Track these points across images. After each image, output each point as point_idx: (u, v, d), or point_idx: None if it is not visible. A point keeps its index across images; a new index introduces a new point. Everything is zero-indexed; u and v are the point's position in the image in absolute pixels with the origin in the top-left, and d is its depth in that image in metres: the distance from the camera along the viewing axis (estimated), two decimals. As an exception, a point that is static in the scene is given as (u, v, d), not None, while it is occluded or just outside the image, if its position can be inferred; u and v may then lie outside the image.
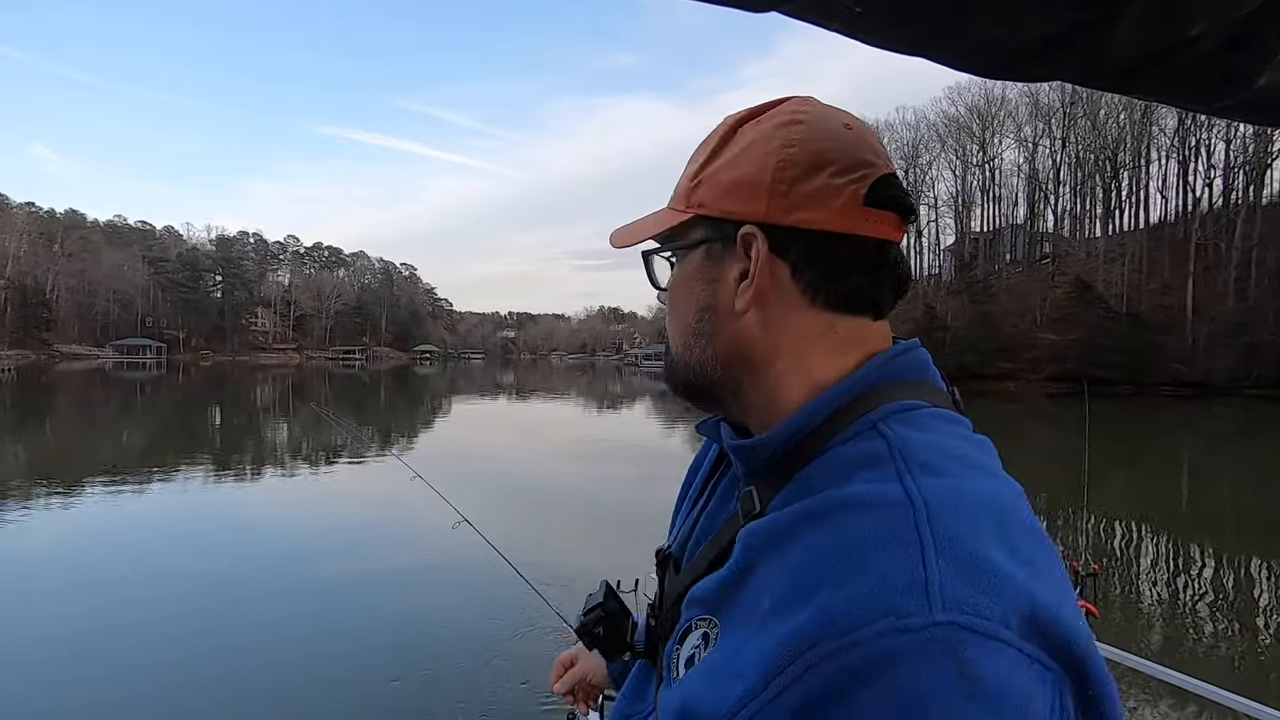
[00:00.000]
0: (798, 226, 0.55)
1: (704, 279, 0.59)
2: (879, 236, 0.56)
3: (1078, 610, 0.44)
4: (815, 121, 0.58)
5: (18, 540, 8.06)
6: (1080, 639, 0.42)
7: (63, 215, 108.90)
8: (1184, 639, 5.93)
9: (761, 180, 0.56)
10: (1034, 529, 0.47)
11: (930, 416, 0.52)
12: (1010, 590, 0.41)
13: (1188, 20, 0.65)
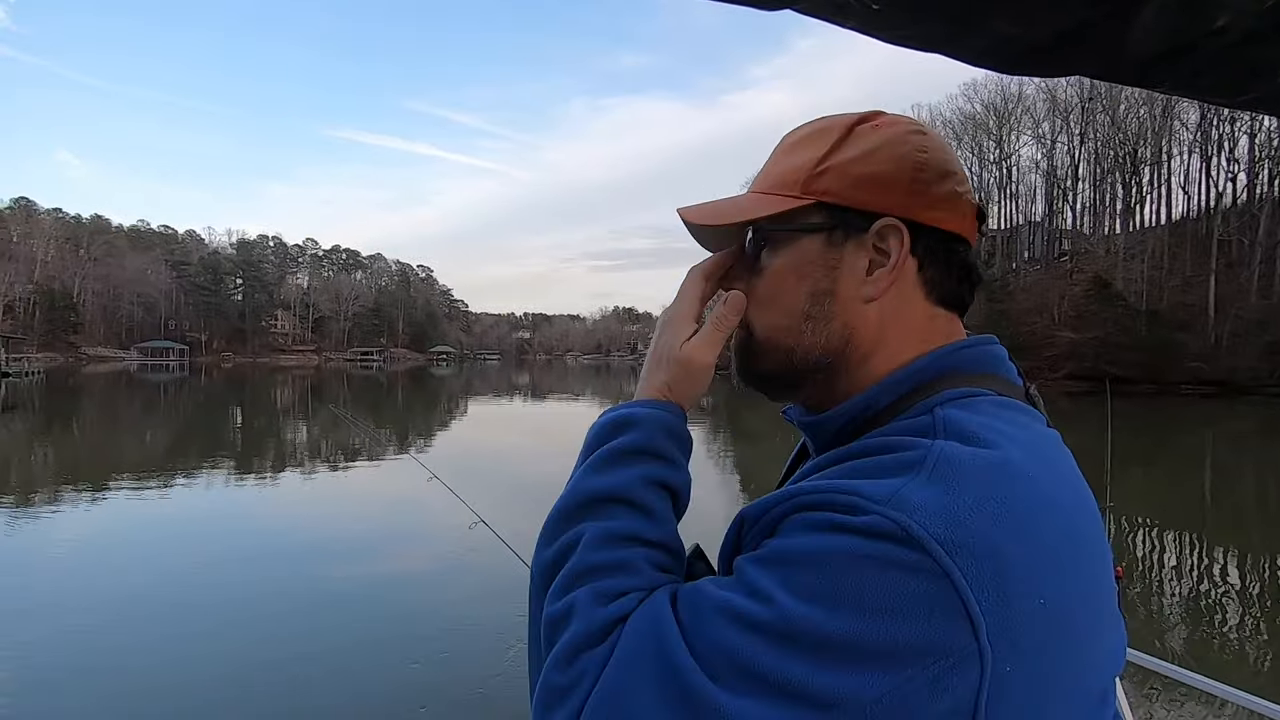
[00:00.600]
0: (933, 225, 0.59)
1: (823, 265, 0.59)
2: (973, 245, 0.62)
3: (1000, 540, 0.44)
4: (935, 137, 0.62)
5: (47, 538, 8.33)
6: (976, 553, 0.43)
7: (88, 220, 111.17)
8: (1209, 642, 5.83)
9: (900, 178, 0.58)
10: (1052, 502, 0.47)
11: (989, 404, 0.54)
12: (912, 508, 0.44)
13: (1211, 12, 0.64)
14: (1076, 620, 0.46)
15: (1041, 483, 0.48)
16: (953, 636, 0.42)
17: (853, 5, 0.67)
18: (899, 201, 0.58)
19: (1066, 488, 0.50)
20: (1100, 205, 60.86)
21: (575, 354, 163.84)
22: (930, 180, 0.59)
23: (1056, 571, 0.45)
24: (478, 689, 4.50)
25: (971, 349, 0.59)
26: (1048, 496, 0.47)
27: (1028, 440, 0.51)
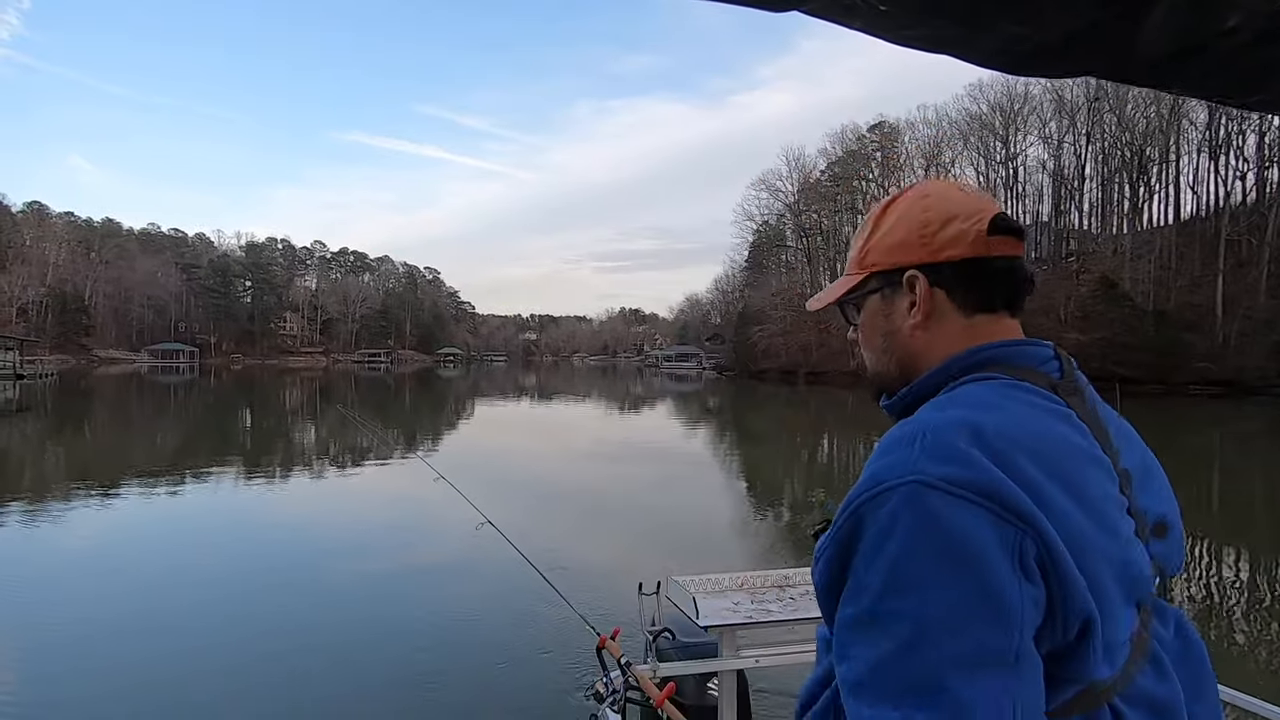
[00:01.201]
0: (945, 261, 0.77)
1: (882, 314, 0.82)
2: (1003, 254, 0.77)
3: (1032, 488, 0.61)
4: (938, 191, 0.80)
5: (62, 534, 8.54)
6: (1025, 505, 0.59)
7: (100, 224, 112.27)
8: (1218, 643, 5.75)
9: (911, 239, 0.78)
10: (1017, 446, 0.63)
11: (999, 383, 0.70)
12: (959, 465, 0.60)
13: (1222, 12, 0.63)
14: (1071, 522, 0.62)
15: (1006, 422, 0.65)
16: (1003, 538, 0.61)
17: (860, 6, 0.67)
18: (915, 255, 0.78)
19: (1032, 425, 0.66)
20: (1107, 205, 60.62)
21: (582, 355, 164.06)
22: (935, 230, 0.77)
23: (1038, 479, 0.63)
24: (478, 686, 4.57)
25: (1002, 348, 0.74)
26: (1013, 430, 0.64)
27: (987, 401, 0.68)
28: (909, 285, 0.78)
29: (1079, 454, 0.66)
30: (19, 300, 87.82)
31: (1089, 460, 0.67)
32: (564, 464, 15.86)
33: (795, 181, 78.21)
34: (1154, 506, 0.72)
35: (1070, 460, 0.65)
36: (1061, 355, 0.75)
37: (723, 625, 2.25)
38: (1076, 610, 0.60)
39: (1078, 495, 0.63)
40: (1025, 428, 0.65)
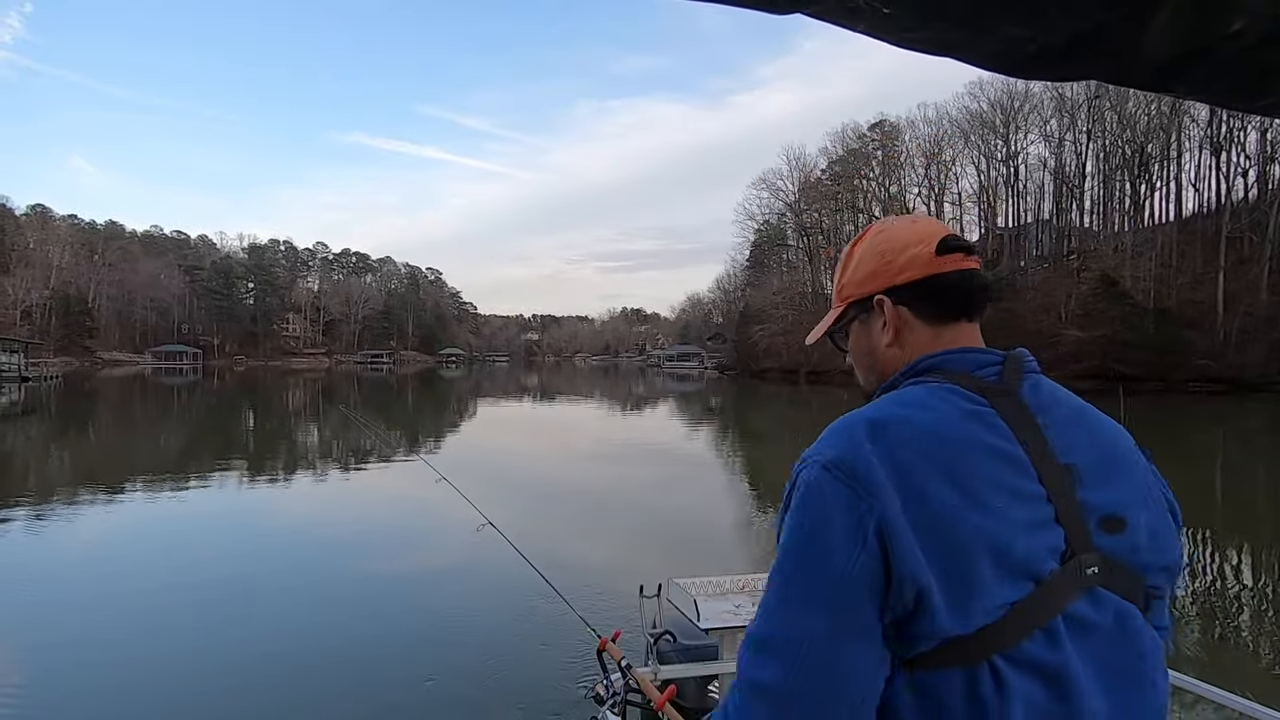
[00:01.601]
0: (902, 281, 0.90)
1: (863, 337, 0.96)
2: (954, 269, 0.89)
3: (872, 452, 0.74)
4: (893, 226, 0.95)
5: (68, 535, 8.61)
6: (847, 467, 0.74)
7: (103, 226, 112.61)
8: (1223, 643, 5.77)
9: (874, 268, 0.93)
10: (853, 425, 0.78)
11: (930, 386, 0.82)
12: (843, 450, 0.75)
13: (1227, 16, 0.63)
14: (947, 518, 0.72)
15: (899, 417, 0.78)
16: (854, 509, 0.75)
17: (863, 9, 0.67)
18: (880, 282, 0.92)
19: (933, 427, 0.76)
20: (1109, 203, 60.55)
21: (584, 355, 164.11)
22: (892, 258, 0.91)
23: (907, 471, 0.74)
24: (479, 687, 4.62)
25: (954, 354, 0.85)
26: (899, 424, 0.77)
27: (897, 401, 0.82)
28: (879, 308, 0.92)
29: (976, 447, 0.75)
30: (23, 303, 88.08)
31: (989, 453, 0.75)
32: (565, 465, 15.92)
33: (796, 181, 78.26)
34: (1104, 502, 0.77)
35: (961, 452, 0.74)
36: (1011, 362, 0.83)
37: (724, 628, 2.26)
38: (909, 577, 0.69)
39: (957, 482, 0.72)
40: (921, 422, 0.76)
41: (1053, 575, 0.73)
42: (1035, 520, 0.74)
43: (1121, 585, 0.77)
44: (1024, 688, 0.70)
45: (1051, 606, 0.73)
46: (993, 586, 0.71)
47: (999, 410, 0.78)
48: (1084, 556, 0.75)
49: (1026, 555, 0.73)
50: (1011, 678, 0.70)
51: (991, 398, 0.79)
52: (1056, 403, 0.82)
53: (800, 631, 0.71)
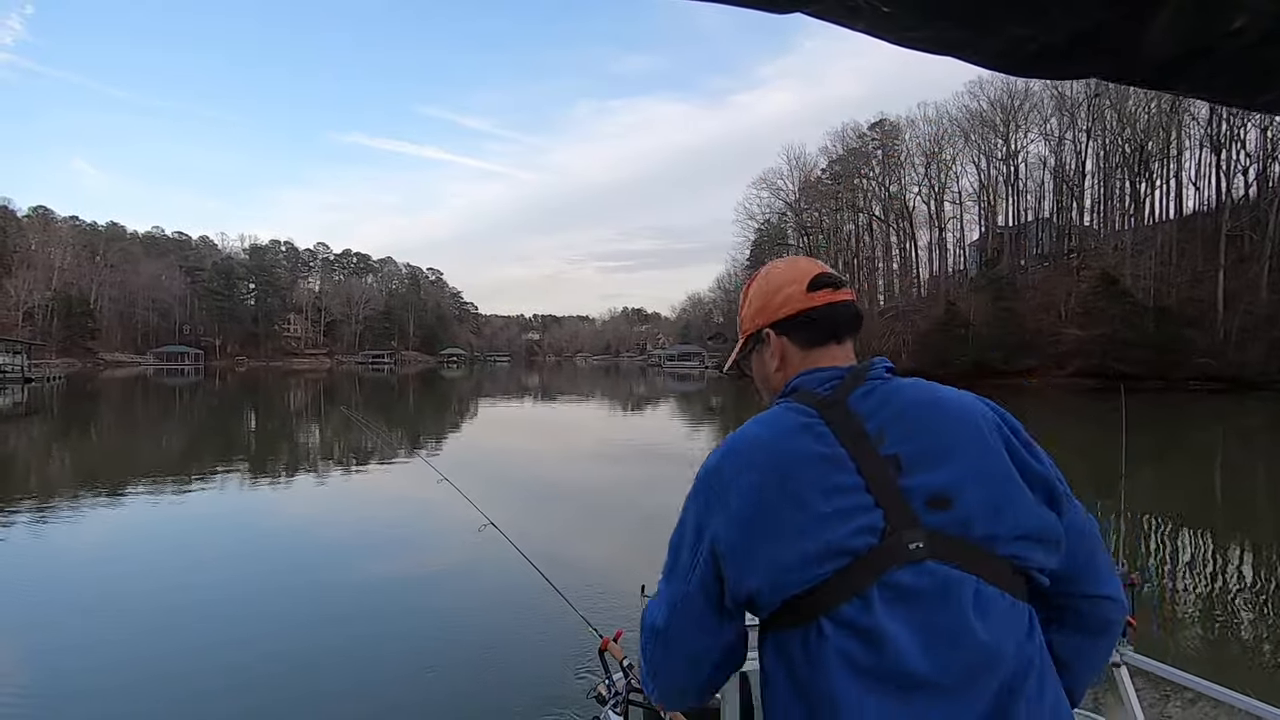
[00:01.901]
0: (780, 317, 1.11)
1: (760, 361, 1.15)
2: (824, 302, 1.09)
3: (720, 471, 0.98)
4: (773, 270, 1.15)
5: (73, 534, 8.66)
6: (708, 478, 0.98)
7: (104, 228, 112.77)
8: (1223, 642, 5.72)
9: (760, 306, 1.14)
10: (723, 446, 1.00)
11: (782, 406, 1.02)
12: (709, 463, 0.99)
13: (1228, 13, 0.64)
14: (748, 503, 0.93)
15: (729, 444, 0.99)
16: (700, 514, 0.99)
17: (864, 8, 0.68)
18: (764, 317, 1.13)
19: (747, 441, 0.98)
20: (1109, 201, 60.55)
21: (585, 355, 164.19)
22: (771, 297, 1.12)
23: (743, 482, 0.94)
24: (480, 686, 4.66)
25: (809, 374, 1.05)
26: (729, 450, 0.98)
27: (753, 423, 1.01)
28: (767, 340, 1.12)
29: (799, 454, 0.93)
30: (25, 304, 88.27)
31: (811, 458, 0.93)
32: (567, 464, 15.97)
33: (796, 180, 78.28)
34: (929, 484, 0.91)
35: (786, 460, 0.93)
36: (851, 374, 1.02)
37: None
38: (720, 553, 0.94)
39: (781, 486, 0.92)
40: (757, 439, 0.97)
41: (870, 551, 0.88)
42: (851, 507, 0.89)
43: (952, 556, 0.88)
44: (840, 643, 0.86)
45: (868, 577, 0.87)
46: (807, 566, 0.88)
47: (827, 419, 0.96)
48: (905, 533, 0.88)
49: (840, 537, 0.88)
50: (831, 635, 0.86)
51: (821, 410, 0.97)
52: (886, 404, 0.96)
53: (672, 595, 0.99)
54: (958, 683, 0.84)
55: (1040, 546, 0.92)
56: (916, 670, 0.84)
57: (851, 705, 0.84)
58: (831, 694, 0.85)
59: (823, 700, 0.86)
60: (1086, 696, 4.15)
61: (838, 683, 0.85)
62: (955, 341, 52.28)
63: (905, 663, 0.84)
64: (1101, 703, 3.63)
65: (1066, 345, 47.77)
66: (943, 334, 53.88)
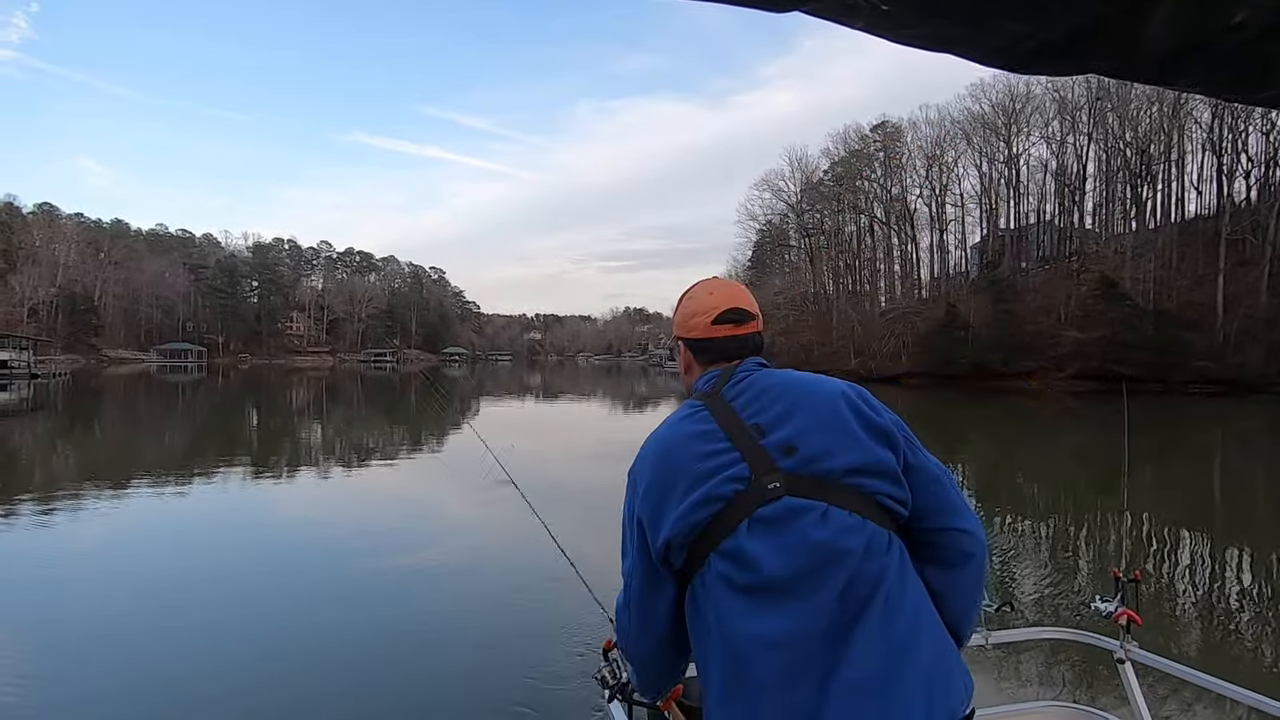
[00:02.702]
0: (689, 337, 1.39)
1: (681, 362, 1.45)
2: (722, 335, 1.36)
3: (637, 462, 1.26)
4: (697, 294, 1.41)
5: (104, 528, 8.84)
6: (631, 472, 1.27)
7: (109, 225, 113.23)
8: (1224, 641, 5.74)
9: (681, 322, 1.41)
10: (657, 447, 1.25)
11: (686, 403, 1.30)
12: (637, 457, 1.28)
13: (1228, 8, 0.63)
14: (655, 482, 1.20)
15: (646, 441, 1.28)
16: (630, 498, 1.27)
17: (862, 6, 0.67)
18: (680, 332, 1.42)
19: (652, 438, 1.26)
20: (1110, 204, 60.65)
21: (586, 354, 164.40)
22: (687, 318, 1.40)
23: (642, 469, 1.24)
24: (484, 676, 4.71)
25: (700, 380, 1.35)
26: (645, 446, 1.27)
27: (669, 419, 1.29)
28: (680, 348, 1.42)
29: (683, 435, 1.22)
30: (30, 300, 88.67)
31: (690, 436, 1.21)
32: (568, 465, 16.16)
33: (798, 182, 78.39)
34: (781, 439, 1.16)
35: (673, 442, 1.22)
36: (723, 374, 1.30)
37: None
38: (643, 523, 1.21)
39: (668, 462, 1.20)
40: (659, 432, 1.27)
41: (738, 495, 1.13)
42: (721, 465, 1.15)
43: (802, 490, 1.11)
44: (720, 568, 1.11)
45: (740, 514, 1.11)
46: (694, 511, 1.14)
47: (707, 406, 1.24)
48: (765, 478, 1.13)
49: (713, 486, 1.14)
50: (715, 563, 1.12)
51: (705, 400, 1.26)
52: (750, 388, 1.24)
53: (628, 570, 1.27)
54: (807, 579, 1.06)
55: (880, 479, 1.13)
56: (772, 573, 1.06)
57: (735, 613, 1.07)
58: (718, 608, 1.09)
59: (714, 615, 1.09)
60: (1090, 693, 4.14)
61: (721, 599, 1.09)
62: (955, 343, 52.43)
63: (763, 570, 1.07)
64: (1106, 698, 3.80)
65: (1066, 347, 47.90)
66: (943, 336, 54.02)
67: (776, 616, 1.04)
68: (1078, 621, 4.11)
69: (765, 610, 1.05)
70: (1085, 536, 9.36)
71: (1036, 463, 16.79)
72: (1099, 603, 2.22)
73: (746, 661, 1.04)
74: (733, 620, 1.06)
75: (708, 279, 1.44)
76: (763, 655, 1.03)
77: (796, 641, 1.02)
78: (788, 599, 1.05)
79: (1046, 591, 6.62)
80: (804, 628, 1.02)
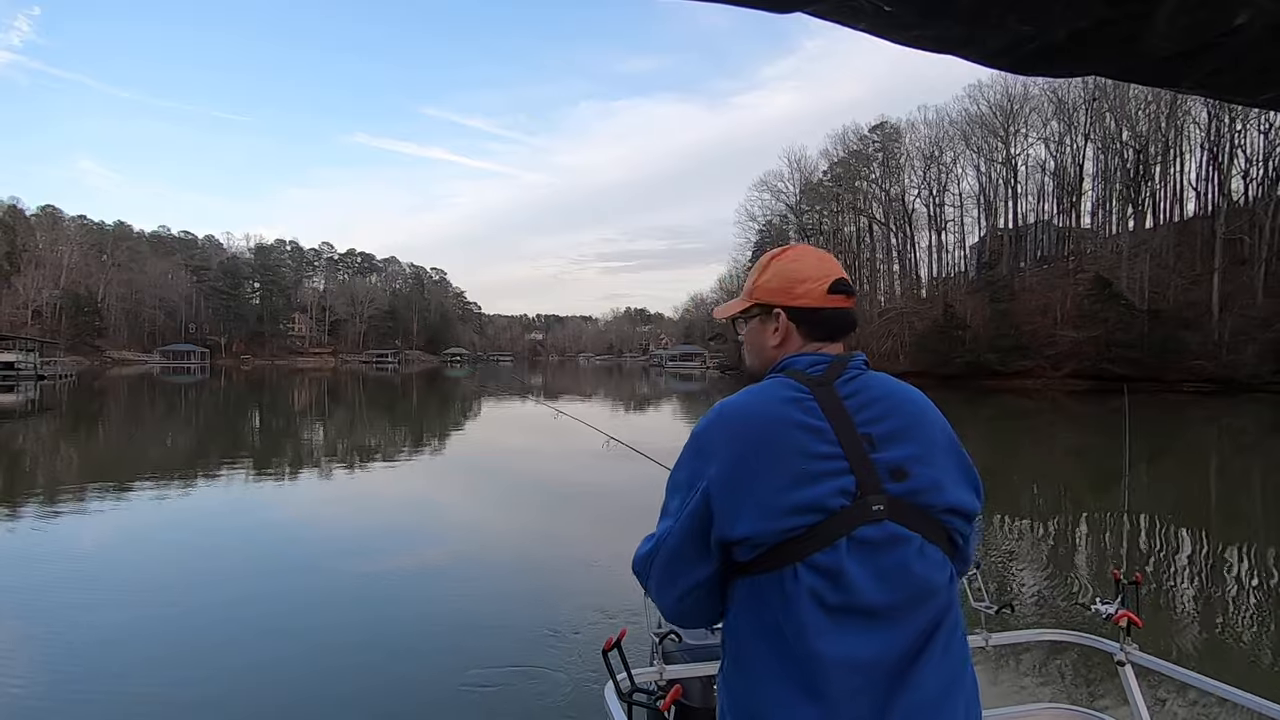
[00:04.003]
0: (795, 305, 1.22)
1: (759, 331, 1.28)
2: (836, 306, 1.22)
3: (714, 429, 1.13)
4: (803, 258, 1.26)
5: (137, 524, 9.07)
6: (702, 436, 1.14)
7: (112, 227, 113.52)
8: (1223, 642, 5.68)
9: (781, 287, 1.24)
10: (717, 408, 1.15)
11: (773, 380, 1.17)
12: (701, 425, 1.15)
13: (1231, 9, 0.62)
14: (742, 458, 1.08)
15: (725, 407, 1.15)
16: (694, 465, 1.13)
17: (865, 7, 0.67)
18: (780, 299, 1.23)
19: (741, 407, 1.13)
20: (1107, 204, 60.97)
21: (588, 355, 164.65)
22: (795, 285, 1.22)
23: (723, 438, 1.12)
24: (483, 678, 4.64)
25: (801, 357, 1.20)
26: (725, 412, 1.14)
27: (746, 392, 1.15)
28: (775, 318, 1.24)
29: (786, 422, 1.09)
30: (34, 302, 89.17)
31: (796, 426, 1.08)
32: (569, 464, 16.18)
33: (797, 182, 78.80)
34: (892, 459, 1.09)
35: (772, 426, 1.09)
36: (836, 362, 1.18)
37: None
38: (719, 516, 1.08)
39: (764, 448, 1.08)
40: (748, 406, 1.13)
41: (842, 509, 1.05)
42: (830, 471, 1.05)
43: (904, 517, 1.07)
44: (811, 583, 1.03)
45: (840, 530, 1.04)
46: (789, 516, 1.04)
47: (816, 396, 1.11)
48: (871, 497, 1.05)
49: (818, 495, 1.04)
50: (804, 575, 1.03)
51: (812, 387, 1.12)
52: (864, 390, 1.14)
53: (665, 528, 1.16)
54: (901, 610, 1.05)
55: (965, 522, 1.14)
56: (870, 602, 1.03)
57: (818, 630, 1.02)
58: (799, 622, 1.02)
59: (791, 626, 1.03)
60: (1090, 695, 4.28)
61: (804, 613, 1.02)
62: (952, 343, 52.79)
63: (863, 596, 1.03)
64: (1106, 700, 3.79)
65: (1062, 347, 48.25)
66: (940, 335, 54.38)
67: (861, 640, 1.03)
68: (1077, 623, 4.06)
69: (849, 632, 1.03)
70: (1084, 537, 9.35)
71: (1033, 462, 16.80)
72: (1099, 605, 2.21)
73: (822, 678, 1.02)
74: (815, 637, 1.02)
75: (793, 246, 1.32)
76: (840, 675, 1.02)
77: (877, 665, 1.03)
78: (875, 625, 1.04)
79: (1046, 593, 6.58)
80: (885, 653, 1.04)
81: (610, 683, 2.03)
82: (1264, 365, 38.98)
